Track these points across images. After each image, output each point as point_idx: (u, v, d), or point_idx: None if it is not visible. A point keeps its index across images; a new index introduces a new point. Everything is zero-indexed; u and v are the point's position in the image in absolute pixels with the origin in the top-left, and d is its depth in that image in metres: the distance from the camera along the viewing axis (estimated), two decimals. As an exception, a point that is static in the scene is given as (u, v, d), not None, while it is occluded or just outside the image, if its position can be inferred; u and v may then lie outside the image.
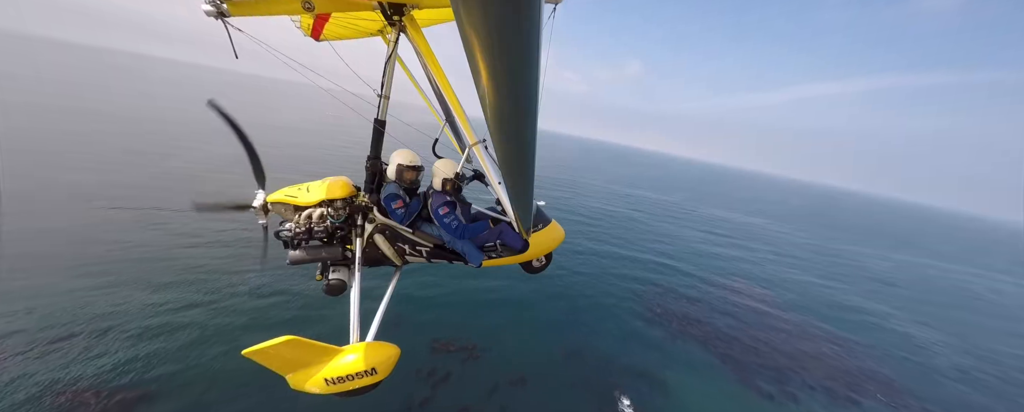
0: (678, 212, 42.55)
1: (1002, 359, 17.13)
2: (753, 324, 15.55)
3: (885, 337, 17.07)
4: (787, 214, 67.00)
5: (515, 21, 0.98)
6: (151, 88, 77.70)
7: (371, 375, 3.28)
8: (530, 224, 3.99)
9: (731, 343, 13.55)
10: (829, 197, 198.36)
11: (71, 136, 25.15)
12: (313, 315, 11.21)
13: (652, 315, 14.40)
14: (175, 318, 9.91)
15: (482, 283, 13.99)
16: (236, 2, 3.16)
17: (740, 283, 20.81)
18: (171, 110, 49.32)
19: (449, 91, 4.13)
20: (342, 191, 3.91)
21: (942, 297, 26.83)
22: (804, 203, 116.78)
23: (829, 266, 29.54)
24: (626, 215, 34.29)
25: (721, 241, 30.92)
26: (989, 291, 33.59)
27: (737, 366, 12.25)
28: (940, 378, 14.30)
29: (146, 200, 16.35)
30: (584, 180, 54.20)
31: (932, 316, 21.70)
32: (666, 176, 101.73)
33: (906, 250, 49.99)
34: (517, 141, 1.83)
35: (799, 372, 12.61)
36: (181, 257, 12.78)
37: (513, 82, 1.31)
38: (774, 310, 17.57)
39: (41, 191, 15.56)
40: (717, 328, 14.45)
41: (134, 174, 19.62)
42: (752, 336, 14.49)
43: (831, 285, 23.99)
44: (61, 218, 13.66)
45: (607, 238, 24.01)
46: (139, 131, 31.62)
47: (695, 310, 15.63)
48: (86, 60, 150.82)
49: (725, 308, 16.57)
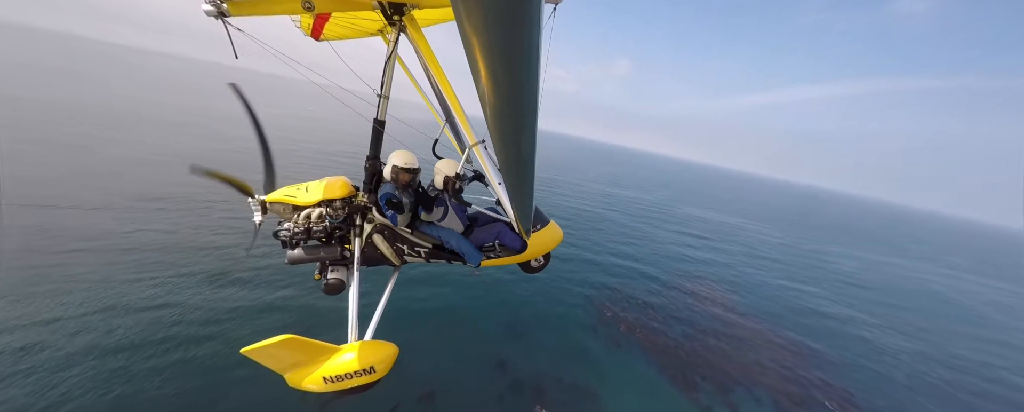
0: (656, 212, 42.03)
1: (962, 364, 16.85)
2: (709, 330, 14.86)
3: (844, 342, 16.49)
4: (768, 214, 67.21)
5: (515, 21, 1.00)
6: (99, 72, 74.40)
7: (369, 373, 3.34)
8: (530, 224, 4.02)
9: (680, 352, 12.73)
10: (813, 198, 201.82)
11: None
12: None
13: (599, 324, 13.44)
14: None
15: (414, 292, 12.99)
16: (236, 2, 3.15)
17: (705, 286, 20.20)
18: (118, 99, 46.70)
19: (449, 91, 4.12)
20: (341, 191, 3.94)
21: (906, 299, 26.73)
22: (787, 203, 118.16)
23: (799, 267, 29.21)
24: (601, 215, 33.55)
25: (694, 242, 30.36)
26: (952, 290, 33.90)
27: (681, 377, 11.48)
28: (895, 384, 13.84)
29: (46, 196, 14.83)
30: (565, 178, 53.39)
31: (895, 319, 21.44)
32: (652, 176, 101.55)
33: (879, 250, 50.47)
34: (517, 141, 1.84)
35: (747, 382, 11.88)
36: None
37: (513, 82, 1.31)
38: (734, 315, 16.93)
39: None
40: (669, 336, 13.68)
41: (37, 167, 17.83)
42: (705, 344, 13.78)
43: (797, 287, 23.52)
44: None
45: (574, 240, 23.24)
46: (68, 120, 29.24)
47: (649, 317, 14.80)
48: (44, 45, 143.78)
49: (683, 314, 15.84)
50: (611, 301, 15.59)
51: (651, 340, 13.15)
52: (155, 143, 26.83)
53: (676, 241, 29.14)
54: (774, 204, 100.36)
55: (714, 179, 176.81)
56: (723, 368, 12.42)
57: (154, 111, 41.59)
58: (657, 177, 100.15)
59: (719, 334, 14.63)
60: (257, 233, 4.12)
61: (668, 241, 28.59)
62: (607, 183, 59.64)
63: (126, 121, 33.14)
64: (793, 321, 17.65)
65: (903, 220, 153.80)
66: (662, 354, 12.40)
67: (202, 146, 29.77)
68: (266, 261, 13.17)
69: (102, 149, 23.08)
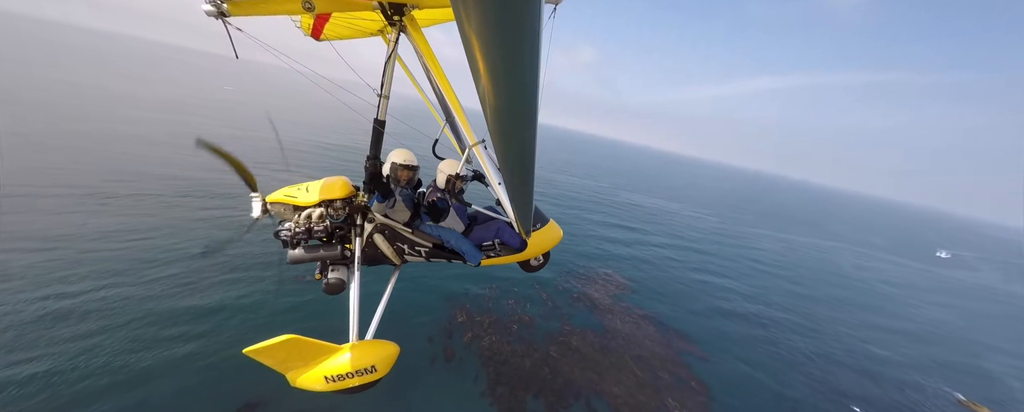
0: (594, 200, 41.05)
1: (849, 359, 16.73)
2: (572, 338, 13.06)
3: (726, 344, 15.40)
4: (713, 199, 68.76)
5: (515, 21, 1.00)
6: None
7: (370, 373, 3.41)
8: (530, 224, 4.12)
9: (524, 364, 11.22)
10: (759, 183, 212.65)
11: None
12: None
13: (440, 333, 11.73)
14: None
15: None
16: (236, 2, 3.16)
17: (602, 277, 18.88)
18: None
19: (449, 91, 4.11)
20: (341, 191, 3.93)
21: (816, 287, 27.04)
22: (736, 187, 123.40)
23: (716, 255, 28.59)
24: (529, 203, 32.00)
25: (619, 233, 29.27)
26: (857, 268, 35.58)
27: (509, 395, 9.98)
28: (762, 389, 13.13)
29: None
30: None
31: (792, 307, 21.35)
32: (608, 164, 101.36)
33: (805, 232, 52.97)
34: (517, 141, 1.87)
35: (589, 394, 10.62)
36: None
37: (513, 82, 1.32)
38: (613, 317, 15.09)
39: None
40: (519, 345, 11.91)
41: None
42: (560, 353, 12.01)
43: (705, 279, 22.22)
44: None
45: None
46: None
47: (512, 321, 13.06)
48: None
49: (558, 312, 14.37)
50: (474, 304, 13.74)
51: (496, 351, 11.35)
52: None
53: (595, 233, 27.53)
54: (723, 189, 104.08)
55: (671, 166, 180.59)
56: (569, 379, 10.90)
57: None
58: (613, 165, 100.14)
59: (584, 342, 12.78)
60: (252, 226, 4.04)
61: (588, 233, 27.10)
62: (555, 170, 58.28)
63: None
64: (683, 321, 16.33)
65: (844, 204, 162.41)
66: (502, 366, 10.75)
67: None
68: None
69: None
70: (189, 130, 31.66)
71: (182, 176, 20.13)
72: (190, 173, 20.65)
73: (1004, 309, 32.13)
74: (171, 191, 17.86)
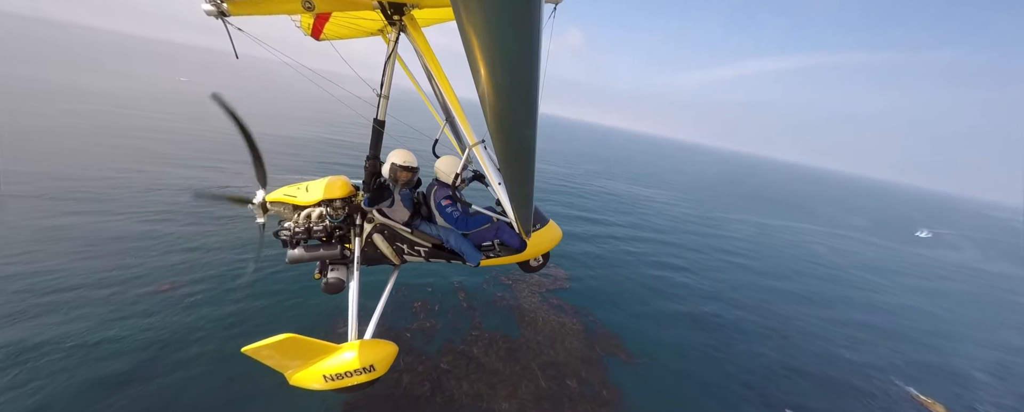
0: (563, 189, 39.60)
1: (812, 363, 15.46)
2: (490, 332, 11.89)
3: (664, 338, 14.43)
4: (695, 184, 67.43)
5: (515, 21, 1.01)
6: None
7: (369, 372, 3.44)
8: (530, 224, 4.19)
9: (403, 374, 9.71)
10: (751, 166, 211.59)
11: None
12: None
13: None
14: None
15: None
16: (236, 1, 3.20)
17: (539, 276, 17.66)
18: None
19: (449, 91, 4.12)
20: (341, 191, 3.97)
21: (780, 274, 25.76)
22: (722, 171, 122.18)
23: (682, 247, 27.38)
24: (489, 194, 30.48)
25: (578, 226, 27.98)
26: (832, 252, 34.61)
27: (382, 409, 8.68)
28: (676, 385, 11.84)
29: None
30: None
31: (752, 304, 20.03)
32: (589, 150, 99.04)
33: (787, 215, 51.92)
34: (517, 141, 1.90)
35: (471, 407, 9.30)
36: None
37: (513, 82, 1.35)
38: (545, 308, 14.27)
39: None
40: (412, 349, 9.74)
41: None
42: (462, 353, 10.77)
43: (662, 275, 20.67)
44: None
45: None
46: None
47: (406, 323, 11.82)
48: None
49: (470, 316, 12.40)
50: (400, 299, 12.42)
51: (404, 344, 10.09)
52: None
53: (561, 222, 26.38)
54: (710, 172, 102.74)
55: (659, 150, 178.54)
56: (451, 396, 9.26)
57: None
58: (594, 151, 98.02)
59: (488, 350, 11.11)
60: (263, 236, 4.12)
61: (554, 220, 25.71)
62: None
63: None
64: (618, 324, 14.49)
65: (836, 186, 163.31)
66: (379, 387, 9.50)
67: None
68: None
69: None
70: (113, 122, 29.54)
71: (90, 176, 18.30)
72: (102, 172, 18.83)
73: (974, 289, 31.29)
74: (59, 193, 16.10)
